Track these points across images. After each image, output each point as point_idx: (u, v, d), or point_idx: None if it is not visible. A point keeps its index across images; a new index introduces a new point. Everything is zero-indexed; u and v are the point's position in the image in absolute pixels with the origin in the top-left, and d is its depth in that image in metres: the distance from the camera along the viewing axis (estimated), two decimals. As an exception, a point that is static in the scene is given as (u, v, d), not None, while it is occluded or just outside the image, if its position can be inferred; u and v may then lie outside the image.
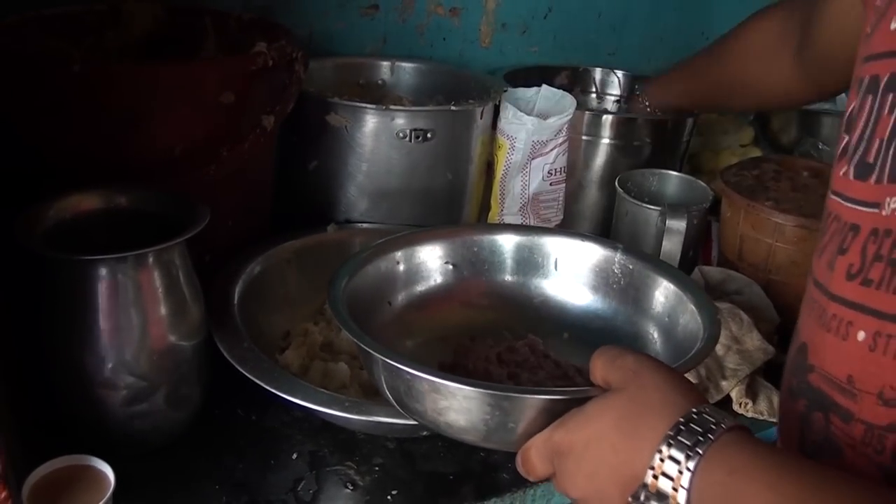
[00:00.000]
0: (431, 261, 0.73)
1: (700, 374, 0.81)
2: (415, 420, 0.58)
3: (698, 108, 1.07)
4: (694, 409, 0.45)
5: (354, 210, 0.92)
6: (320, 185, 0.92)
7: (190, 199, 0.71)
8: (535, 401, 0.51)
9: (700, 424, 0.44)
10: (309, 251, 0.87)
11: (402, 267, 0.72)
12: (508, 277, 0.74)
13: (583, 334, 0.71)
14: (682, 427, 0.44)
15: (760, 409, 0.81)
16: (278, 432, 0.73)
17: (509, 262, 0.75)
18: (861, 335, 0.47)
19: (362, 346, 0.57)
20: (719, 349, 0.83)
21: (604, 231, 1.04)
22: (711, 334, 0.61)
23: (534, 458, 0.51)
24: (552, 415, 0.51)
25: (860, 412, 0.47)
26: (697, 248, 0.97)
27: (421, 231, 0.76)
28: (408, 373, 0.54)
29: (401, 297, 0.72)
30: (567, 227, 1.02)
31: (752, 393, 0.82)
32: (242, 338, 0.72)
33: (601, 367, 0.50)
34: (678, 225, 0.90)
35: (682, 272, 0.71)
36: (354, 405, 0.65)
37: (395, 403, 0.58)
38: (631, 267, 0.71)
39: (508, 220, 0.98)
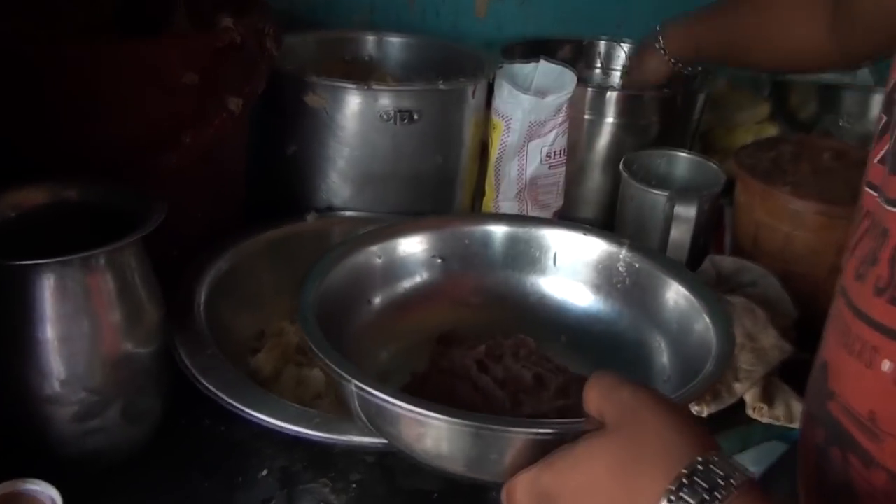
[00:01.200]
0: (416, 255, 0.68)
1: (711, 376, 0.74)
2: (390, 443, 0.53)
3: (718, 59, 0.98)
4: (700, 459, 0.38)
5: (336, 197, 0.87)
6: (299, 171, 0.87)
7: (145, 192, 0.65)
8: (518, 436, 0.46)
9: (706, 479, 0.38)
10: (286, 243, 0.82)
11: (382, 262, 0.66)
12: (502, 273, 0.69)
13: (582, 339, 0.66)
14: (685, 481, 0.38)
15: (777, 413, 0.75)
16: (247, 446, 0.68)
17: (503, 257, 0.69)
18: (886, 365, 0.40)
19: (327, 363, 0.51)
20: (732, 348, 0.77)
21: (607, 217, 0.98)
22: (723, 351, 0.55)
23: (519, 498, 0.45)
24: (540, 447, 0.46)
25: (883, 458, 0.40)
26: (709, 236, 0.91)
27: (404, 222, 0.70)
28: (374, 396, 0.48)
29: (382, 296, 0.66)
30: (568, 212, 0.96)
31: (767, 396, 0.76)
32: (206, 343, 0.67)
33: (596, 398, 0.44)
34: (688, 212, 0.84)
35: (694, 275, 0.66)
36: (326, 422, 0.60)
37: (367, 424, 0.53)
38: (637, 266, 0.65)
39: (504, 206, 0.92)
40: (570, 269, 0.68)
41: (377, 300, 0.66)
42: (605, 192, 1.00)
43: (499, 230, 0.69)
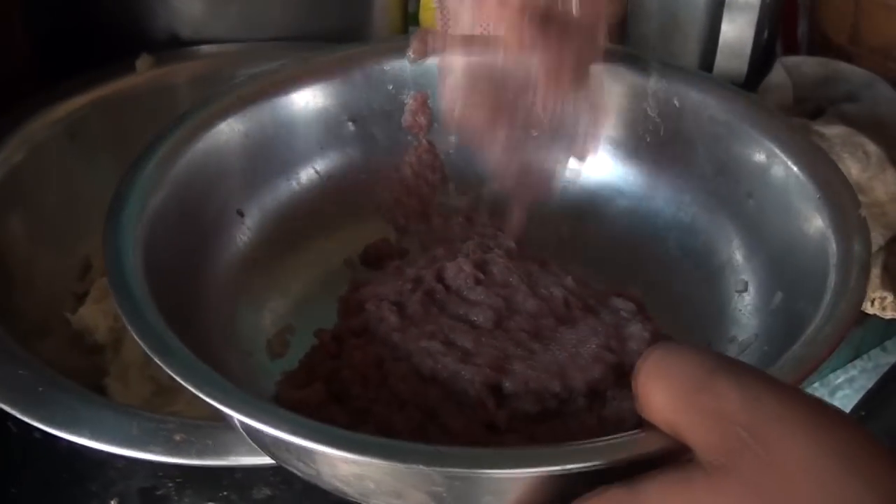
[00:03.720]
0: (310, 120, 0.54)
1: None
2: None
3: None
4: None
5: (182, 23, 0.73)
6: None
7: None
8: (513, 478, 0.34)
9: None
10: (106, 111, 0.67)
11: (254, 141, 0.52)
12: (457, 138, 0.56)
13: (595, 228, 0.54)
14: None
15: (908, 304, 0.62)
16: (83, 460, 0.54)
17: None
18: None
19: (176, 376, 0.36)
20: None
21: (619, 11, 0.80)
22: (856, 257, 0.42)
23: None
24: (563, 482, 0.34)
25: None
26: (775, 26, 0.76)
27: (286, 64, 0.55)
28: (262, 431, 0.35)
29: (261, 202, 0.52)
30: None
31: (892, 278, 0.63)
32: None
33: (665, 397, 0.32)
34: None
35: (779, 115, 0.52)
36: (195, 437, 0.46)
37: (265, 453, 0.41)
38: (678, 104, 0.53)
39: (453, 4, 0.74)
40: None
41: (254, 210, 0.52)
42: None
43: (449, 63, 0.54)
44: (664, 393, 0.32)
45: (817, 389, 0.84)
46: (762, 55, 0.74)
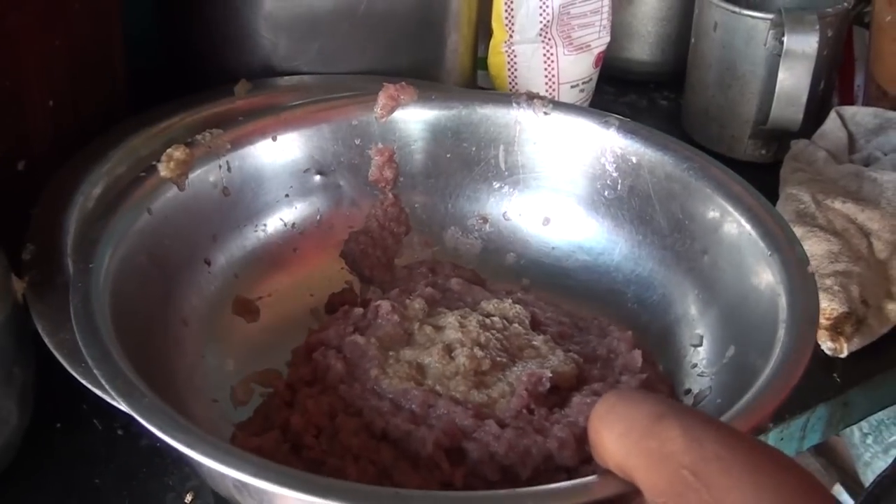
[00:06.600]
0: (279, 171, 0.56)
1: (850, 295, 0.62)
2: None
3: None
4: None
5: (270, 55, 0.74)
6: (212, 19, 0.74)
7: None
8: None
9: None
10: (205, 128, 0.64)
11: (226, 191, 0.54)
12: (421, 190, 0.58)
13: (554, 281, 0.56)
14: None
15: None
16: (161, 456, 0.56)
17: (423, 161, 0.58)
18: None
19: (140, 418, 0.37)
20: (882, 249, 0.66)
21: (675, 60, 0.85)
22: (805, 312, 0.42)
23: None
24: None
25: None
26: (832, 76, 0.79)
27: (253, 119, 0.56)
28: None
29: (229, 249, 0.54)
30: (616, 53, 0.85)
31: None
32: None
33: (616, 441, 0.34)
34: (805, 43, 0.71)
35: (731, 173, 0.52)
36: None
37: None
38: (635, 160, 0.54)
39: (521, 50, 0.81)
40: (531, 174, 0.57)
41: (220, 258, 0.53)
42: (672, 18, 0.89)
43: (413, 116, 0.57)
44: (615, 437, 0.33)
45: (871, 446, 0.83)
46: (818, 104, 0.76)
